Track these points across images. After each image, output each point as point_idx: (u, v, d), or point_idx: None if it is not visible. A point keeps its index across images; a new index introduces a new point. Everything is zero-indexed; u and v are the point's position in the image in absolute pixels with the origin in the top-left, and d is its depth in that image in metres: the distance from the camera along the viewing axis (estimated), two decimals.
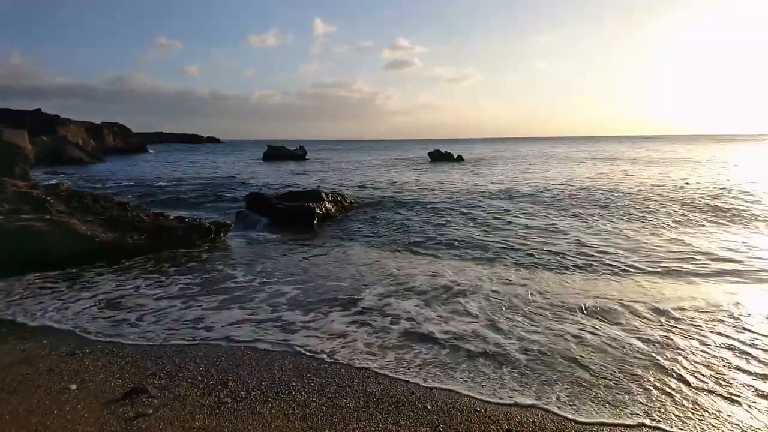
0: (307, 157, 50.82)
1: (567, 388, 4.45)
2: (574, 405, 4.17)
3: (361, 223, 13.27)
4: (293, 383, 4.59)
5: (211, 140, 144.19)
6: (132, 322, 6.23)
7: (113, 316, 6.44)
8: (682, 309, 6.36)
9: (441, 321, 6.13)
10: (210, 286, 7.77)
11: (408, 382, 4.61)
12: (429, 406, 4.17)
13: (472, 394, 4.37)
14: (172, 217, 11.12)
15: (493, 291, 7.24)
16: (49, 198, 9.76)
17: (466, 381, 4.61)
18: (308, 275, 8.32)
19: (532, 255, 9.29)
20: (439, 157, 43.96)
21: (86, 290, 7.54)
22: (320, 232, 12.05)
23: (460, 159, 43.04)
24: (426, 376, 4.73)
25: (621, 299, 6.76)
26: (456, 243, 10.48)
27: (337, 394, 4.37)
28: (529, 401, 4.24)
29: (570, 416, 4.01)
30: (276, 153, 50.98)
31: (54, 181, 20.14)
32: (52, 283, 7.86)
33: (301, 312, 6.52)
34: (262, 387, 4.50)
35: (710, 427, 3.85)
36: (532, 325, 5.91)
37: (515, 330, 5.76)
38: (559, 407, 4.14)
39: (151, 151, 68.98)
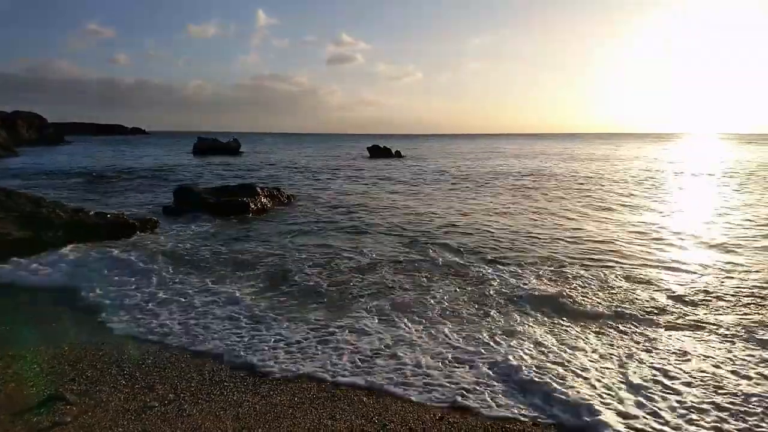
0: (241, 150, 49.30)
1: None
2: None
3: (299, 219, 13.05)
4: (225, 383, 4.46)
5: (137, 131, 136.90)
6: (48, 325, 5.80)
7: (27, 319, 5.97)
8: None
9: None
10: (132, 285, 7.37)
11: (339, 384, 4.62)
12: (365, 399, 4.20)
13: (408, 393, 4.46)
14: (92, 212, 10.47)
15: None
16: None
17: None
18: (239, 270, 8.06)
19: None
20: (378, 152, 43.96)
21: None
22: (254, 228, 11.70)
23: (398, 155, 43.38)
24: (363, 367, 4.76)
25: None
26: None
27: (271, 392, 4.30)
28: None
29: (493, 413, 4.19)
30: (207, 146, 48.91)
31: None
32: None
33: (235, 310, 6.36)
34: (192, 388, 4.35)
35: None
36: None
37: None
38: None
39: (71, 142, 64.33)
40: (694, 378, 4.47)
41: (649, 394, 4.17)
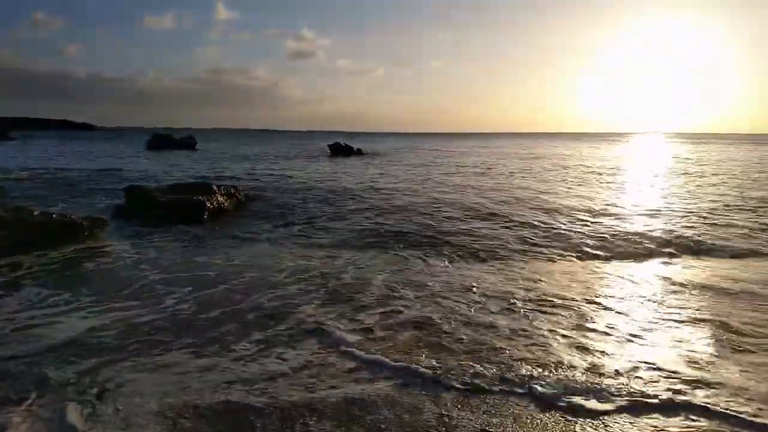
0: (197, 147, 48.07)
1: None
2: None
3: (258, 218, 12.77)
4: None
5: (85, 126, 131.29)
6: None
7: None
8: None
9: None
10: (79, 289, 7.04)
11: None
12: None
13: None
14: (37, 212, 9.94)
15: None
16: None
17: None
18: (196, 280, 7.59)
19: None
20: (338, 149, 43.60)
21: None
22: (211, 229, 11.37)
23: (360, 152, 43.24)
24: None
25: None
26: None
27: None
28: None
29: None
30: (162, 142, 47.47)
31: None
32: None
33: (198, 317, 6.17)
34: None
35: None
36: None
37: None
38: None
39: (15, 139, 60.77)
40: None
41: None
